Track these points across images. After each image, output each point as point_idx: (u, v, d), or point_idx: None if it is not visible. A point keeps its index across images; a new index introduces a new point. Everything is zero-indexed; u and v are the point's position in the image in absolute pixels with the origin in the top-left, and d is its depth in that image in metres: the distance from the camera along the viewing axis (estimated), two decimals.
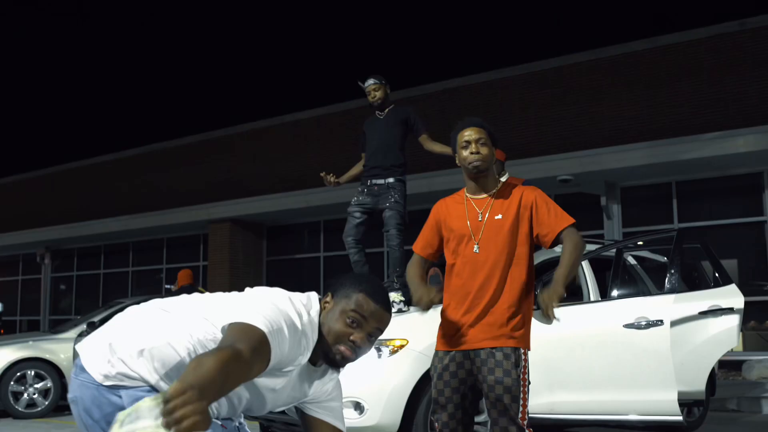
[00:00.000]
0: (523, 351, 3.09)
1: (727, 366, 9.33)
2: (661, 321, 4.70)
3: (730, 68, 10.77)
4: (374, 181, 5.36)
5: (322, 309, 2.26)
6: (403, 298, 5.05)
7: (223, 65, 46.67)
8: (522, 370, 3.05)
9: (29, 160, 39.13)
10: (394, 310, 5.08)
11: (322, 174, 5.68)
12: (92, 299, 18.41)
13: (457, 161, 3.23)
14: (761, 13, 10.78)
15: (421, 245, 3.37)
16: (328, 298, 2.28)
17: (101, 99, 46.79)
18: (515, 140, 11.81)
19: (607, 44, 12.02)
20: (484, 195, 3.19)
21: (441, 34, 41.41)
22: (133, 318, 2.18)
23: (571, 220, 3.10)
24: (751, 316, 9.99)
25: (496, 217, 3.13)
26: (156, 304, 2.23)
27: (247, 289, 2.29)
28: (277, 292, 2.23)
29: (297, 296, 2.24)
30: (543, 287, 3.13)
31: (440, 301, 3.23)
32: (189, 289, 8.98)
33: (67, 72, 47.85)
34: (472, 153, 3.12)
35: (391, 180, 5.31)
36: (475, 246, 3.12)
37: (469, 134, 3.15)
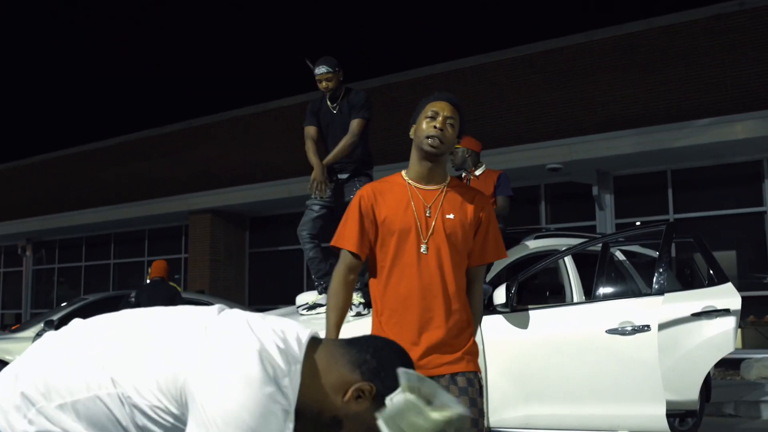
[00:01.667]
0: (480, 375, 2.66)
1: (725, 365, 8.89)
2: (648, 326, 4.23)
3: (729, 50, 10.36)
4: (339, 176, 5.08)
5: (355, 395, 1.66)
6: (362, 300, 4.62)
7: (204, 51, 46.17)
8: (482, 397, 2.64)
9: (9, 151, 38.76)
10: (352, 313, 4.63)
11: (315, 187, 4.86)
12: (75, 292, 18.03)
13: (411, 133, 2.67)
14: None
15: (355, 242, 2.66)
16: (367, 392, 1.67)
17: (80, 89, 46.38)
18: (502, 128, 11.40)
19: (600, 26, 11.62)
20: (434, 186, 2.67)
21: (426, 17, 40.84)
22: (50, 355, 1.65)
23: (505, 255, 2.77)
24: (750, 310, 9.57)
25: (448, 216, 2.63)
26: (80, 330, 1.69)
27: (210, 326, 1.65)
28: (247, 352, 1.56)
29: (271, 351, 1.59)
30: None
31: None
32: (160, 283, 8.56)
33: (46, 62, 47.36)
34: (435, 127, 2.58)
35: (357, 175, 5.04)
36: (423, 246, 2.60)
37: (441, 107, 2.62)
